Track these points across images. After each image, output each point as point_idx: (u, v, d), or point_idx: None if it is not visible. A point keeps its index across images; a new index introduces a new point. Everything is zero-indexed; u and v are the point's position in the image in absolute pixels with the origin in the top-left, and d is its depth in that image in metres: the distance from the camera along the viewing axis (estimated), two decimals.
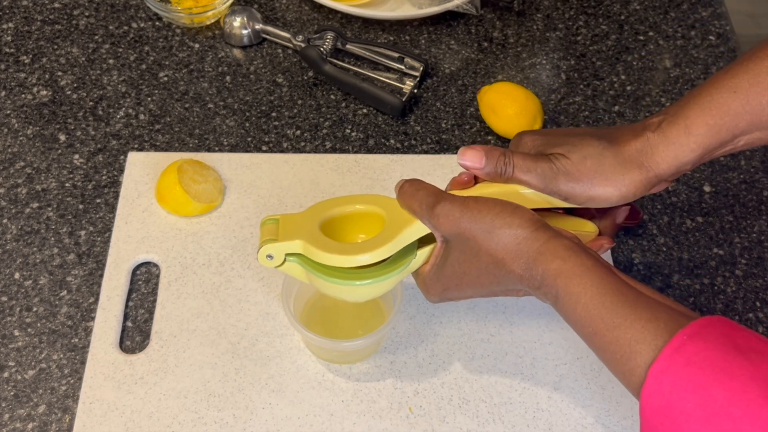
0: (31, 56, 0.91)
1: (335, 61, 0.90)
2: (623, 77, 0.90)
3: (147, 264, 0.75)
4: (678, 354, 0.47)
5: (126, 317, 0.71)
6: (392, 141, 0.84)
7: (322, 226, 0.60)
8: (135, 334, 0.71)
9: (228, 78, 0.89)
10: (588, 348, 0.70)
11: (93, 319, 0.71)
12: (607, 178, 0.57)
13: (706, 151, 0.56)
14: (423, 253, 0.60)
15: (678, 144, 0.56)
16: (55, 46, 0.92)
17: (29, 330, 0.70)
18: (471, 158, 0.58)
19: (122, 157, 0.82)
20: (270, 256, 0.59)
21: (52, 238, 0.76)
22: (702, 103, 0.56)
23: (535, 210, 0.57)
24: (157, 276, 0.74)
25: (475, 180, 0.61)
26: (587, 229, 0.63)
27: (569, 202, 0.58)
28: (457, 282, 0.58)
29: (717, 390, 0.45)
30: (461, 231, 0.55)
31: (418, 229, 0.58)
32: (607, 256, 0.75)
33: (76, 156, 0.82)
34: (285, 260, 0.60)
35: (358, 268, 0.59)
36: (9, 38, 0.92)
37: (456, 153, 0.83)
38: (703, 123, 0.55)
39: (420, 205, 0.57)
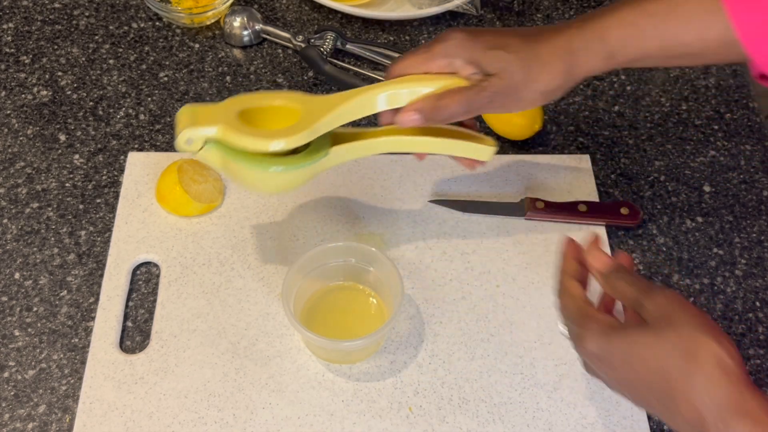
0: (31, 56, 0.91)
1: (335, 61, 0.90)
2: (623, 77, 0.90)
3: (147, 264, 0.75)
4: None
5: (126, 317, 0.71)
6: None
7: (239, 116, 0.61)
8: (135, 334, 0.71)
9: (228, 78, 0.89)
10: None
11: (93, 319, 0.71)
12: (534, 79, 0.61)
13: (613, 61, 0.61)
14: (337, 149, 0.63)
15: (592, 49, 0.61)
16: (56, 46, 0.92)
17: (29, 330, 0.70)
18: (411, 122, 0.62)
19: (122, 157, 0.82)
20: (189, 141, 0.60)
21: (53, 238, 0.76)
22: (623, 15, 0.60)
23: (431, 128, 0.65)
24: (157, 276, 0.74)
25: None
26: (489, 143, 0.68)
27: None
28: (618, 384, 0.54)
29: None
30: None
31: (333, 120, 0.61)
32: None
33: (77, 156, 0.82)
34: (203, 146, 0.61)
35: (274, 157, 0.61)
36: (9, 38, 0.92)
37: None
38: (617, 36, 0.60)
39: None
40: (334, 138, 0.64)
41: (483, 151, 0.68)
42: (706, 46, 0.59)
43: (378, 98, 0.63)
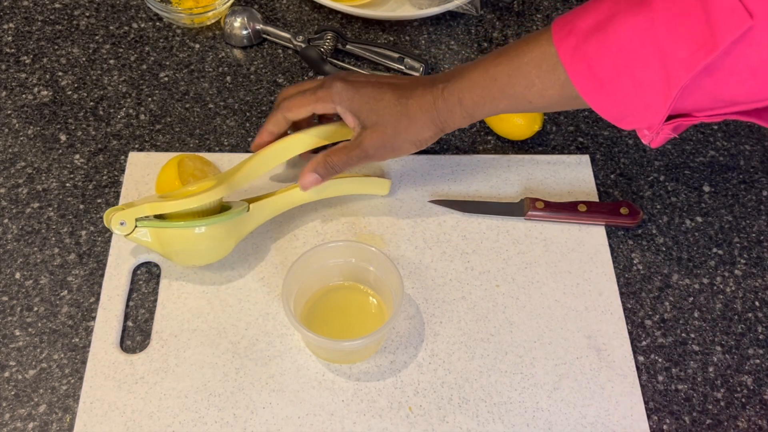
0: (31, 56, 0.91)
1: (335, 61, 0.91)
2: None
3: (147, 264, 0.75)
4: None
5: (126, 317, 0.71)
6: None
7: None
8: (135, 334, 0.71)
9: (228, 78, 0.89)
10: (588, 347, 0.70)
11: (94, 318, 0.71)
12: (404, 131, 0.69)
13: (474, 119, 0.69)
14: (255, 206, 0.72)
15: (454, 111, 0.68)
16: (56, 47, 0.92)
17: (30, 330, 0.70)
18: (311, 183, 0.72)
19: (123, 157, 0.82)
20: (123, 222, 0.68)
21: (53, 238, 0.76)
22: (473, 80, 0.67)
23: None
24: (158, 276, 0.74)
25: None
26: (385, 178, 0.79)
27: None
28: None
29: None
30: None
31: (244, 176, 0.71)
32: (606, 256, 0.75)
33: (77, 156, 0.82)
34: (135, 227, 0.68)
35: (200, 218, 0.69)
36: (10, 38, 0.93)
37: (456, 153, 0.83)
38: (470, 99, 0.67)
39: None
40: (251, 202, 0.73)
41: (383, 184, 0.78)
42: (551, 101, 0.63)
43: (275, 153, 0.73)
